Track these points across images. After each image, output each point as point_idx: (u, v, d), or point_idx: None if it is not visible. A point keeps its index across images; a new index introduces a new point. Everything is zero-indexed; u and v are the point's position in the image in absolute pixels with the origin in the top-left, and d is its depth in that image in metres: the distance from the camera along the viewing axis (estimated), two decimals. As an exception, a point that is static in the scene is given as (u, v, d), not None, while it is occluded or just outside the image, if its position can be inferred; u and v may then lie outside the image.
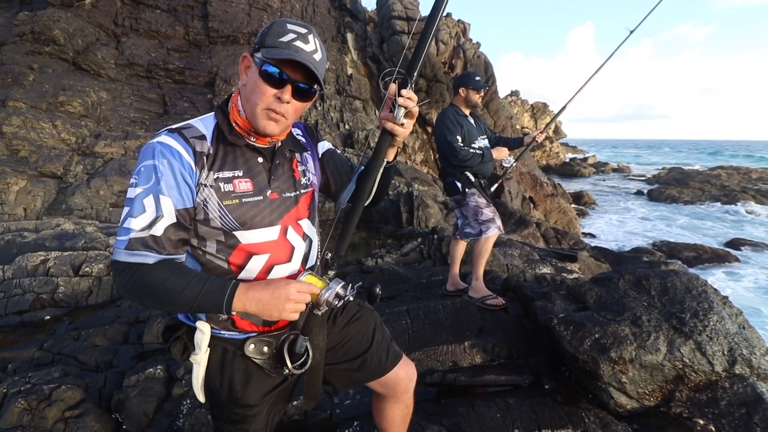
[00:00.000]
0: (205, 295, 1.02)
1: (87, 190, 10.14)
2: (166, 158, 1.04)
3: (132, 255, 1.01)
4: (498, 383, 2.55)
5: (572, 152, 53.99)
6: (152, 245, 1.02)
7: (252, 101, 1.09)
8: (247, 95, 1.10)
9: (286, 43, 1.05)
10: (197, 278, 1.04)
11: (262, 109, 1.08)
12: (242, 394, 1.23)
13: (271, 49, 1.05)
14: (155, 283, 1.01)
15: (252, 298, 1.04)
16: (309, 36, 1.08)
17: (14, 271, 6.15)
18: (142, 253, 1.01)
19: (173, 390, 2.84)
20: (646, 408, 2.15)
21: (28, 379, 2.96)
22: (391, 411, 1.57)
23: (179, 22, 15.28)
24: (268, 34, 1.07)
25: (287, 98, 1.08)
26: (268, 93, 1.07)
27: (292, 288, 1.06)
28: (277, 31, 1.06)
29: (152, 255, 1.02)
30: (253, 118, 1.10)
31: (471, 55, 18.17)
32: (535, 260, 5.44)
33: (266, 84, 1.06)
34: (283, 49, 1.05)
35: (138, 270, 1.01)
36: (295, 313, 1.07)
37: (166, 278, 1.01)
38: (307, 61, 1.05)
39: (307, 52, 1.07)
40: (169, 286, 1.01)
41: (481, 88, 3.22)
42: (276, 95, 1.07)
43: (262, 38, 1.08)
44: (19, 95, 11.51)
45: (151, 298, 1.02)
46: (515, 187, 13.46)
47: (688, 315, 2.27)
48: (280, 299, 1.04)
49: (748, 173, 28.58)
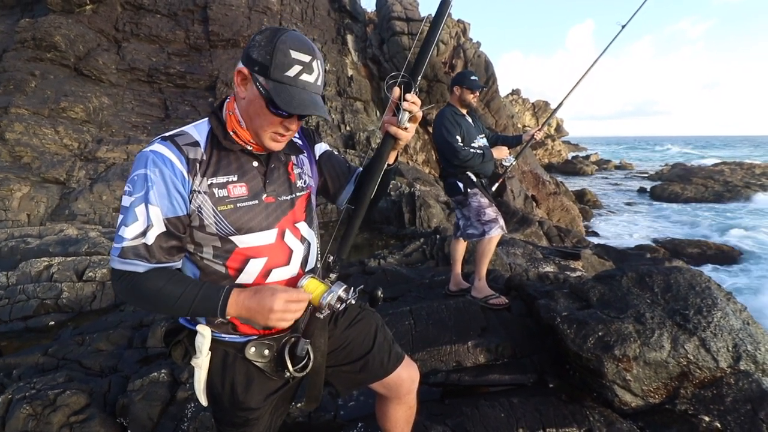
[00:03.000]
0: (200, 302, 1.06)
1: (90, 195, 10.18)
2: (158, 167, 1.04)
3: (124, 263, 1.04)
4: (502, 383, 2.54)
5: (574, 150, 53.86)
6: (143, 254, 1.04)
7: (256, 124, 1.09)
8: (251, 115, 1.09)
9: (292, 79, 1.02)
10: (192, 285, 1.07)
11: (269, 133, 1.10)
12: (244, 397, 1.23)
13: (278, 86, 1.02)
14: (151, 291, 1.05)
15: (242, 305, 1.06)
16: (313, 63, 1.05)
17: (18, 277, 6.18)
18: (133, 262, 1.04)
19: (177, 394, 2.84)
20: (650, 405, 2.14)
21: (33, 384, 2.97)
22: (395, 413, 1.57)
23: (180, 27, 15.32)
24: (272, 61, 1.00)
25: (294, 127, 1.12)
26: (275, 122, 1.08)
27: (277, 301, 1.04)
28: (282, 62, 1.00)
29: (143, 264, 1.05)
30: (258, 138, 1.12)
31: (471, 55, 18.13)
32: (538, 259, 5.42)
33: (273, 115, 1.06)
34: (289, 86, 1.02)
35: (132, 278, 1.05)
36: (283, 323, 1.07)
37: (162, 286, 1.05)
38: (312, 103, 1.05)
39: (312, 83, 1.06)
40: (165, 294, 1.05)
41: (477, 88, 3.17)
42: (283, 123, 1.09)
43: (265, 61, 1.01)
44: (22, 102, 11.57)
45: (148, 304, 1.08)
46: (517, 186, 13.42)
47: (692, 311, 2.26)
48: (264, 310, 1.05)
49: (751, 168, 28.42)
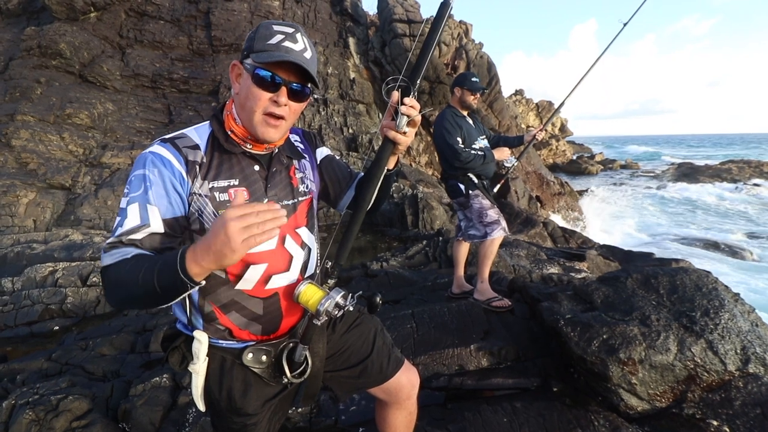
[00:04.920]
0: (161, 270, 0.90)
1: (95, 200, 10.26)
2: (156, 167, 1.03)
3: (110, 256, 0.97)
4: (505, 386, 2.50)
5: (579, 150, 53.60)
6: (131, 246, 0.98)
7: (248, 108, 1.08)
8: (242, 102, 1.09)
9: (275, 45, 1.04)
10: (152, 259, 0.95)
11: (260, 116, 1.07)
12: (241, 403, 1.21)
13: (261, 53, 1.04)
14: (117, 277, 0.94)
15: (201, 253, 0.87)
16: (297, 35, 1.07)
17: (23, 283, 6.24)
18: (120, 251, 0.96)
19: (179, 398, 2.84)
20: (657, 410, 2.10)
21: (36, 389, 2.98)
22: (394, 418, 1.55)
23: (183, 33, 15.44)
24: (255, 38, 1.06)
25: (284, 101, 1.07)
26: (263, 98, 1.06)
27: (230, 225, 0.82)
28: (264, 34, 1.05)
29: (133, 250, 0.97)
30: (251, 125, 1.09)
31: (474, 56, 18.11)
32: (542, 260, 5.37)
33: (260, 89, 1.05)
34: (272, 51, 1.04)
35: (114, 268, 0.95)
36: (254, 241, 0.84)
37: (125, 269, 0.93)
38: (298, 60, 1.04)
39: (297, 51, 1.06)
40: (126, 274, 0.93)
41: (477, 90, 3.15)
42: (272, 99, 1.06)
43: (250, 43, 1.07)
44: (27, 109, 11.70)
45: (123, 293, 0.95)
46: (521, 187, 13.36)
47: (699, 313, 2.22)
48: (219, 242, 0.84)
49: (759, 166, 28.14)
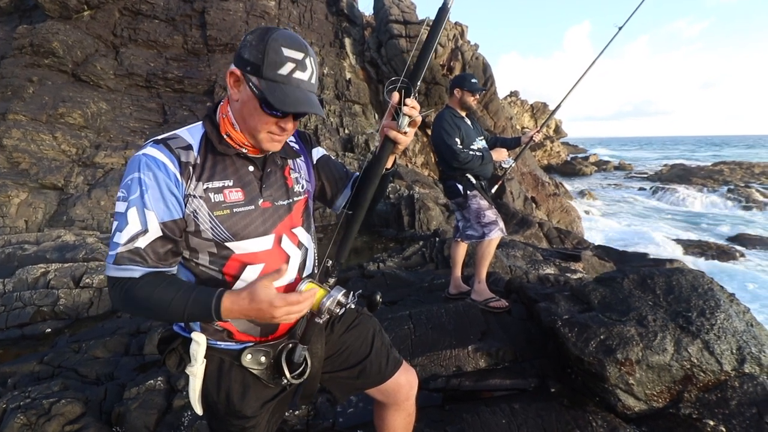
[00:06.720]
0: (193, 304, 0.99)
1: (88, 201, 10.17)
2: (151, 170, 1.02)
3: (119, 270, 1.01)
4: (503, 387, 2.50)
5: (573, 151, 53.93)
6: (138, 259, 1.01)
7: (251, 125, 1.07)
8: (245, 116, 1.07)
9: (286, 77, 1.00)
10: (184, 289, 1.02)
11: (265, 134, 1.07)
12: (240, 406, 1.20)
13: (272, 87, 0.99)
14: (143, 297, 1.00)
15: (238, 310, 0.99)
16: (306, 60, 1.03)
17: (15, 284, 6.15)
18: (128, 268, 1.01)
19: (174, 401, 2.80)
20: (654, 410, 2.11)
21: (28, 393, 2.94)
22: (393, 419, 1.53)
23: (177, 32, 15.34)
24: (264, 60, 0.98)
25: (290, 126, 1.08)
26: (270, 122, 1.05)
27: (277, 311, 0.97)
28: (275, 61, 0.98)
29: (138, 269, 1.01)
30: (255, 140, 1.09)
31: (469, 57, 18.17)
32: (538, 261, 5.38)
33: (267, 115, 1.04)
34: (283, 85, 1.00)
35: (126, 284, 1.01)
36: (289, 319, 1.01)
37: (153, 291, 1.00)
38: (308, 101, 1.02)
39: (306, 81, 1.03)
40: (156, 299, 1.00)
41: (477, 91, 3.17)
42: (278, 124, 1.06)
43: (257, 61, 0.99)
44: (19, 108, 11.57)
45: (143, 311, 1.03)
46: (517, 188, 13.40)
47: (695, 314, 2.23)
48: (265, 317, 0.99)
49: (750, 168, 28.45)
